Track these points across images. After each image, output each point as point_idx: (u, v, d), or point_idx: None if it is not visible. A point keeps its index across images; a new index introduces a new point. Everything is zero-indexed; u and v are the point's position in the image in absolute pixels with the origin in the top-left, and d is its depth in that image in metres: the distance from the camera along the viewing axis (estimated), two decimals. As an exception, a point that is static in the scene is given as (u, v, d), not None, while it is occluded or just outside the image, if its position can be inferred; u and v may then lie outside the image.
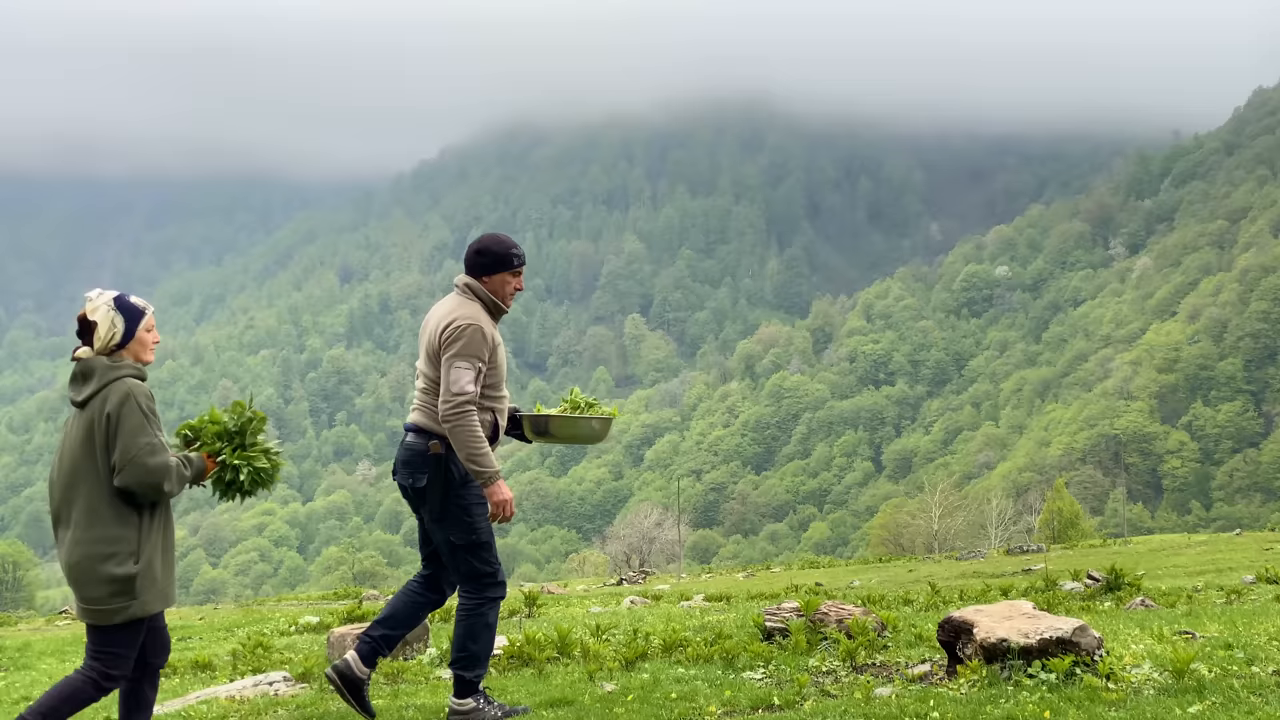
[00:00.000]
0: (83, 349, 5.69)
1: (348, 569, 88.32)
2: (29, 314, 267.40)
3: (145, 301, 5.83)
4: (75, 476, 5.54)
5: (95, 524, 5.47)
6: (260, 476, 5.91)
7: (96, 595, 5.46)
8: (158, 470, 5.45)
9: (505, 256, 6.42)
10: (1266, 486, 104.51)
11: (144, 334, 5.78)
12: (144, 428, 5.47)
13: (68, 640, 15.42)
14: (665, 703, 6.41)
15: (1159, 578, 17.99)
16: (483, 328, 6.27)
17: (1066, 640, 6.14)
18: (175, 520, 5.85)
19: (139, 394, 5.55)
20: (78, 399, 5.59)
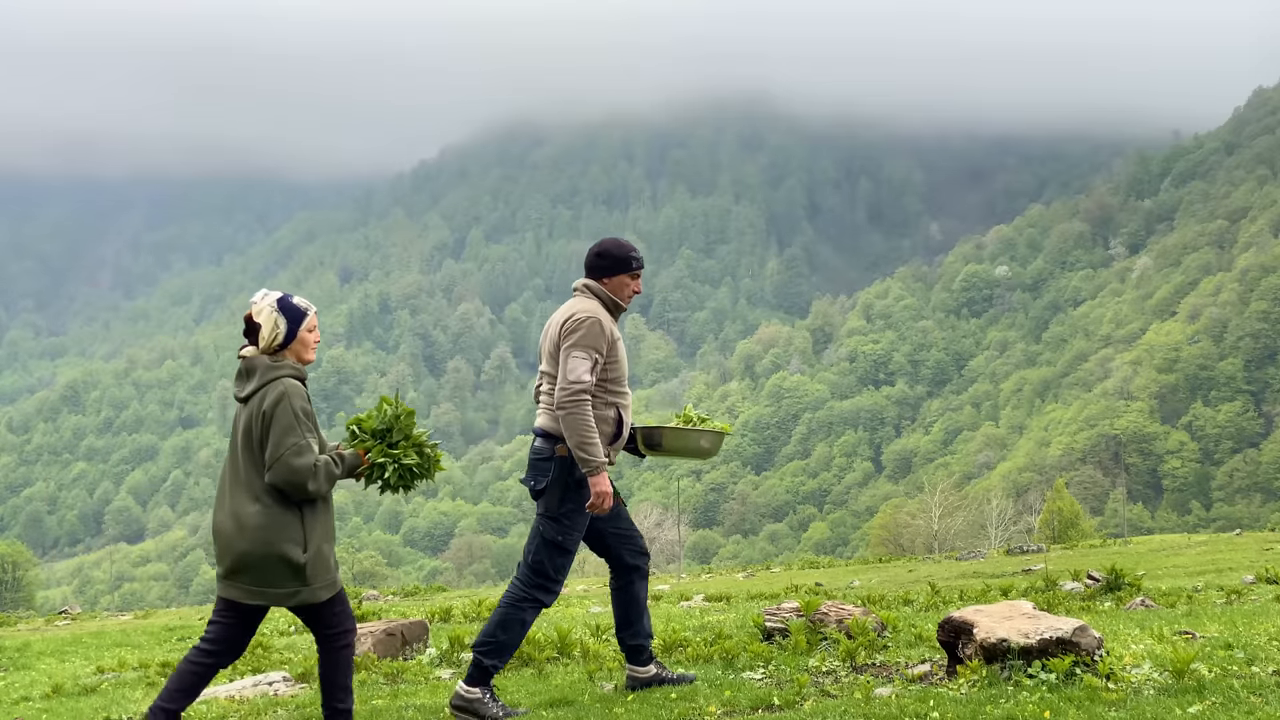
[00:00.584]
0: (248, 348, 5.96)
1: (347, 569, 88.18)
2: (29, 314, 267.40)
3: (308, 303, 6.04)
4: (240, 468, 5.84)
5: (262, 512, 5.77)
6: (408, 474, 6.10)
7: (270, 579, 5.77)
8: (302, 470, 5.71)
9: (624, 259, 6.74)
10: (1266, 486, 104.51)
11: (305, 334, 5.99)
12: (294, 428, 5.72)
13: (67, 640, 15.41)
14: (665, 703, 6.40)
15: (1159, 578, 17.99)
16: (601, 320, 6.50)
17: (1066, 640, 6.14)
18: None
19: (294, 394, 5.79)
20: (241, 395, 5.89)
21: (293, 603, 5.83)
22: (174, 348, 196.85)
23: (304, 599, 5.82)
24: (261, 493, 5.79)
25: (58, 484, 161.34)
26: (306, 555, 5.80)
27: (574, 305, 6.60)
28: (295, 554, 5.78)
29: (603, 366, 6.49)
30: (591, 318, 6.47)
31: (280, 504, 5.79)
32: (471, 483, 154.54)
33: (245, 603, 5.88)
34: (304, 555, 5.79)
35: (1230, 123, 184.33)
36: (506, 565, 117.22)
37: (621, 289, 6.73)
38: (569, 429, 6.30)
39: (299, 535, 5.82)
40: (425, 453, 6.13)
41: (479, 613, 13.98)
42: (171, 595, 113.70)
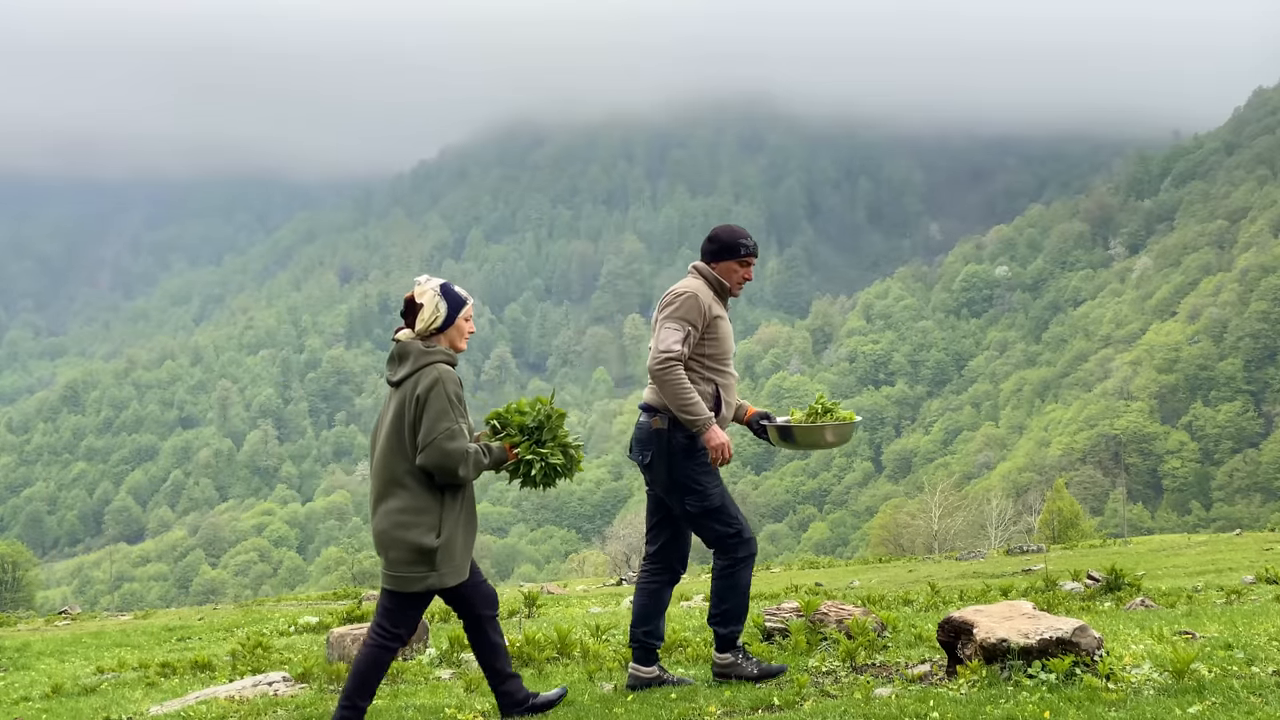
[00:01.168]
0: (403, 331, 6.13)
1: (347, 569, 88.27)
2: (29, 314, 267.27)
3: (467, 293, 6.22)
4: (387, 451, 5.96)
5: (402, 496, 5.91)
6: (553, 472, 6.22)
7: (400, 561, 5.92)
8: (454, 455, 5.82)
9: (733, 245, 6.79)
10: (1266, 486, 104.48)
11: (462, 322, 6.18)
12: (447, 413, 5.85)
13: (66, 640, 15.41)
14: (665, 703, 6.41)
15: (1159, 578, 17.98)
16: (698, 296, 6.63)
17: (1066, 640, 6.14)
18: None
19: (448, 380, 5.92)
20: (393, 379, 6.05)
21: (419, 588, 5.95)
22: (174, 348, 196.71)
23: (431, 584, 5.95)
24: (405, 476, 5.92)
25: (58, 484, 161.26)
26: (438, 541, 5.91)
27: (678, 284, 6.78)
28: (428, 539, 5.89)
29: (701, 342, 6.64)
30: (689, 293, 6.63)
31: (422, 488, 5.92)
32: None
33: (386, 587, 6.05)
34: (435, 540, 5.90)
35: (1230, 123, 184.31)
36: (506, 565, 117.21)
37: (729, 274, 6.84)
38: (666, 395, 6.49)
39: (434, 521, 5.93)
40: (570, 454, 6.29)
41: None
42: (171, 595, 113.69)
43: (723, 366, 6.77)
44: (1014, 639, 6.18)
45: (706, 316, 6.64)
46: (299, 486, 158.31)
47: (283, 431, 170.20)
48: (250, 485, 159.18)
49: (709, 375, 6.70)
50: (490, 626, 6.25)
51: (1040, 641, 6.14)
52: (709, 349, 6.69)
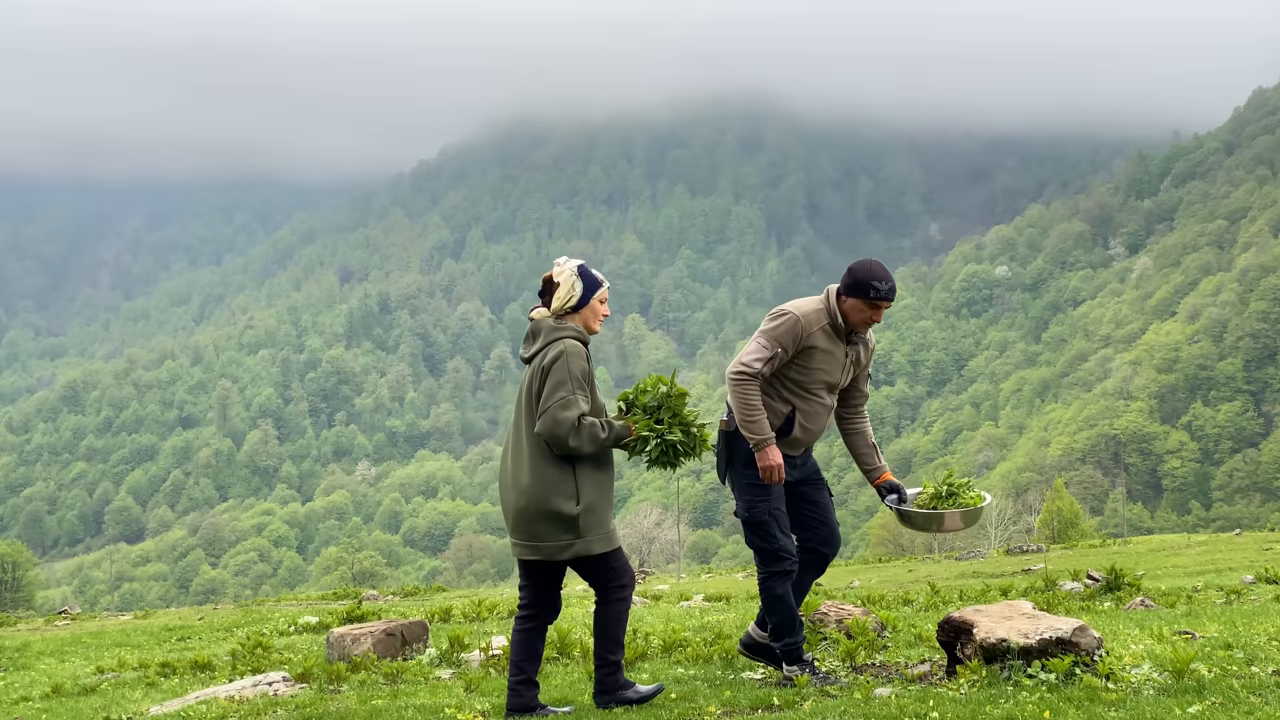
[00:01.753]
0: (539, 309, 6.35)
1: (347, 569, 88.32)
2: (29, 314, 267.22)
3: (604, 277, 6.40)
4: (521, 425, 6.15)
5: (536, 468, 6.04)
6: (672, 450, 6.23)
7: (544, 532, 6.03)
8: (564, 422, 5.92)
9: (863, 284, 6.62)
10: (1266, 486, 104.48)
11: (596, 304, 6.34)
12: (565, 383, 5.99)
13: (66, 640, 15.41)
14: (665, 703, 6.41)
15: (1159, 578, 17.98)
16: (800, 321, 6.62)
17: (1066, 640, 6.14)
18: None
19: (573, 354, 6.07)
20: (525, 355, 6.29)
21: (567, 555, 6.04)
22: (174, 348, 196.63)
23: (578, 551, 6.03)
24: (537, 449, 6.03)
25: (58, 484, 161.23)
26: (579, 508, 5.99)
27: (797, 300, 6.80)
28: (568, 507, 5.97)
29: (789, 364, 6.66)
30: (792, 315, 6.65)
31: (554, 459, 6.01)
32: (471, 483, 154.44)
33: (525, 559, 6.14)
34: (576, 508, 5.98)
35: (1230, 123, 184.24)
36: (506, 565, 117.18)
37: (854, 311, 6.69)
38: (733, 404, 6.62)
39: (571, 489, 6.00)
40: (691, 432, 6.26)
41: (478, 613, 13.96)
42: (171, 595, 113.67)
43: (806, 392, 6.74)
44: (1014, 639, 6.18)
45: (801, 342, 6.63)
46: (299, 486, 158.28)
47: (283, 431, 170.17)
48: (250, 485, 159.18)
49: (788, 397, 6.73)
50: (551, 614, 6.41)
51: (1040, 641, 6.14)
52: (795, 374, 6.71)
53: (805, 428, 6.77)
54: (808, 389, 6.72)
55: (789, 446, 6.76)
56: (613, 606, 6.23)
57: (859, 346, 6.85)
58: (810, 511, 6.91)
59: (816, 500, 6.92)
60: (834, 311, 6.69)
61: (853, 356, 6.83)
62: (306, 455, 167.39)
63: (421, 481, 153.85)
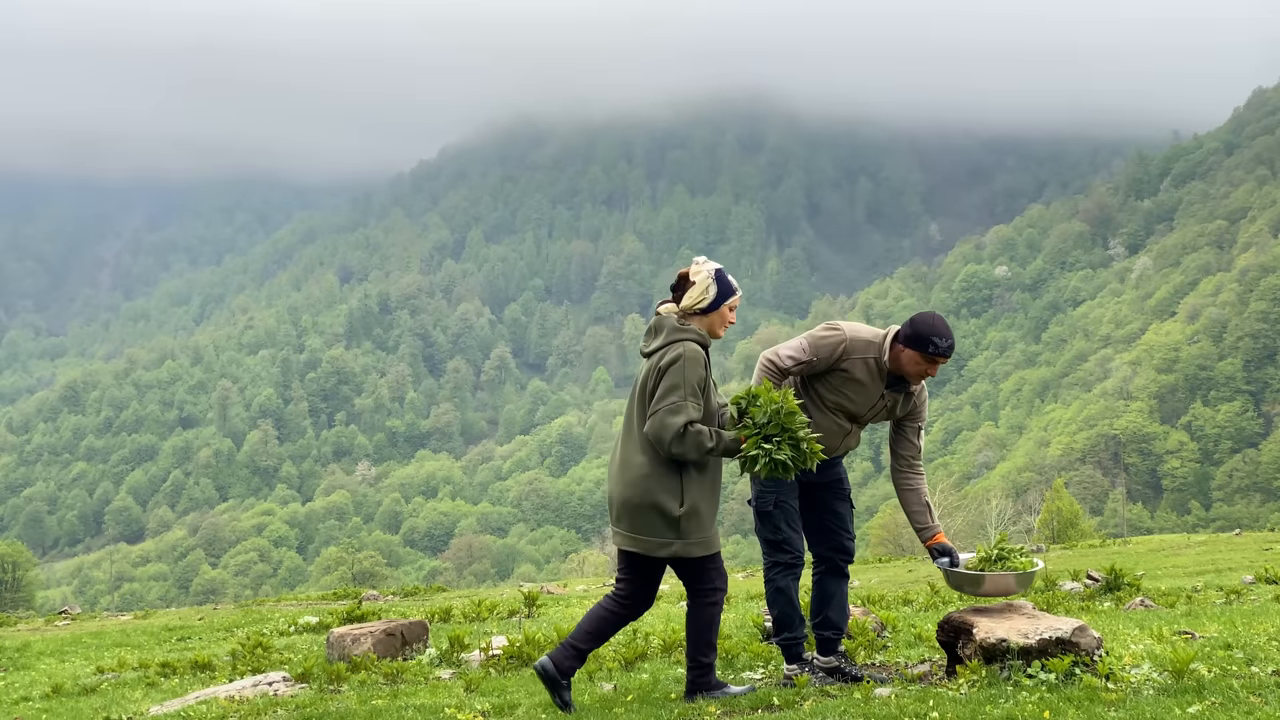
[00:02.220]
0: (666, 305, 6.28)
1: (347, 569, 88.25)
2: (29, 314, 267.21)
3: (738, 285, 6.35)
4: (633, 420, 6.18)
5: (644, 463, 6.08)
6: (781, 468, 6.16)
7: (645, 527, 6.07)
8: (671, 428, 5.94)
9: (923, 339, 6.62)
10: (1266, 486, 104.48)
11: (726, 310, 6.33)
12: (678, 387, 6.00)
13: (66, 640, 15.41)
14: (665, 703, 6.41)
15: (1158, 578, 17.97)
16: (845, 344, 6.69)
17: (1066, 640, 6.14)
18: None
19: (691, 359, 6.07)
20: (646, 350, 6.25)
21: (665, 554, 6.08)
22: (174, 348, 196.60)
23: (676, 552, 6.06)
24: (647, 444, 6.07)
25: (58, 484, 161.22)
26: (682, 510, 6.02)
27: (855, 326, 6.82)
28: (670, 506, 6.01)
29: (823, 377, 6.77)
30: (840, 334, 6.73)
31: (663, 457, 6.03)
32: (471, 483, 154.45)
33: (625, 549, 6.20)
34: (679, 509, 6.01)
35: (1230, 123, 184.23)
36: (506, 565, 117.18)
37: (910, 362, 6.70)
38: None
39: (676, 489, 6.03)
40: (801, 448, 6.19)
41: (478, 613, 13.95)
42: (171, 595, 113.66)
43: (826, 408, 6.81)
44: (1013, 639, 6.18)
45: (837, 363, 6.71)
46: (299, 486, 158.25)
47: (283, 431, 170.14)
48: (250, 485, 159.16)
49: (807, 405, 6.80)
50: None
51: (1040, 641, 6.14)
52: (824, 389, 6.81)
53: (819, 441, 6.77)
54: (829, 406, 6.81)
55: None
56: (705, 610, 6.28)
57: (900, 395, 6.87)
58: (829, 520, 6.97)
59: (837, 510, 6.97)
60: (883, 350, 6.72)
61: (889, 402, 6.85)
62: (306, 455, 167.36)
63: (421, 481, 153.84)
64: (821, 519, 6.96)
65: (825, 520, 6.95)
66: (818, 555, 7.03)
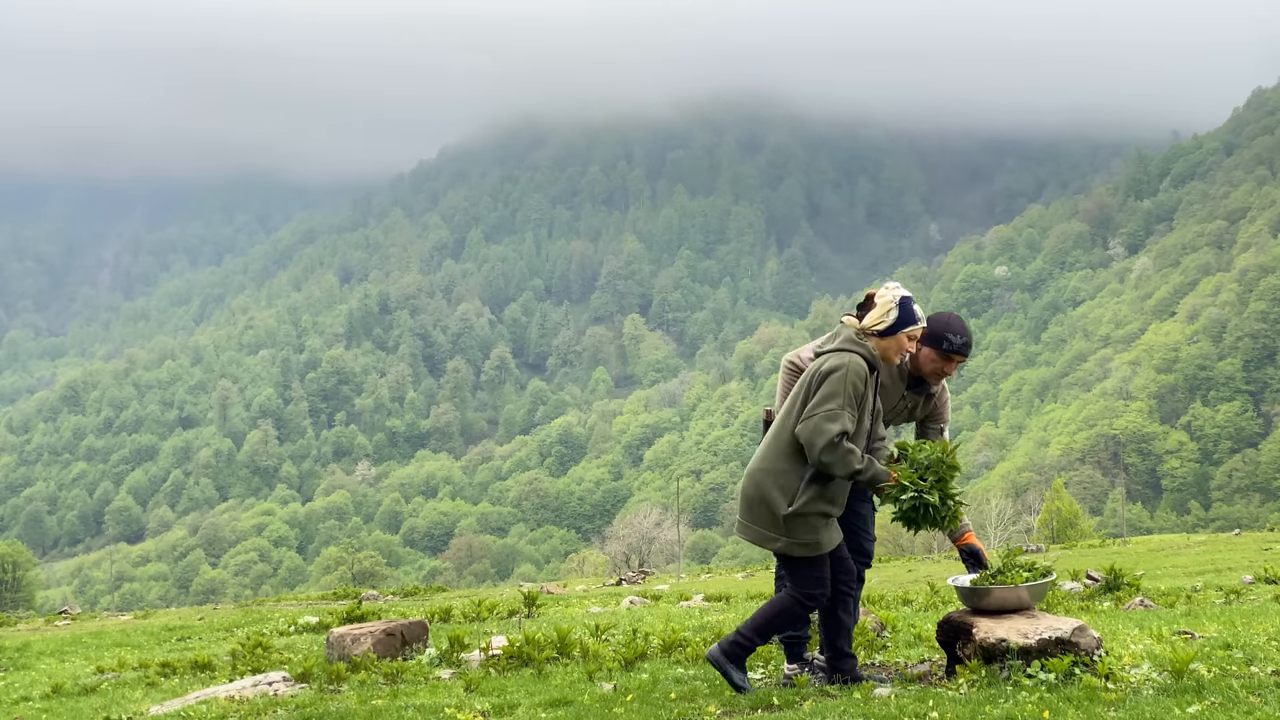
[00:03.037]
0: (850, 317, 6.36)
1: (347, 569, 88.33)
2: (29, 314, 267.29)
3: (922, 318, 6.39)
4: (784, 413, 6.29)
5: (770, 457, 6.21)
6: (925, 511, 6.21)
7: (757, 519, 6.22)
8: (826, 434, 6.01)
9: (938, 336, 6.71)
10: (1265, 486, 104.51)
11: (903, 338, 6.34)
12: (837, 395, 6.07)
13: (66, 640, 15.42)
14: (665, 703, 6.41)
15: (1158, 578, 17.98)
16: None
17: (1065, 640, 6.14)
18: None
19: (855, 370, 6.13)
20: (818, 349, 6.40)
21: (772, 548, 6.23)
22: (174, 348, 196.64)
23: (780, 549, 6.20)
24: (780, 439, 6.18)
25: (58, 484, 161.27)
26: (789, 509, 6.11)
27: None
28: (779, 504, 6.12)
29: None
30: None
31: (792, 455, 6.13)
32: (471, 483, 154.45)
33: (741, 537, 6.35)
34: (787, 508, 6.11)
35: (1229, 123, 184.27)
36: (506, 565, 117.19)
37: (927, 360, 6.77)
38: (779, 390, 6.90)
39: (791, 490, 6.12)
40: (949, 502, 6.23)
41: (478, 613, 13.96)
42: (171, 595, 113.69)
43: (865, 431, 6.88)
44: (1013, 639, 6.18)
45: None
46: (299, 486, 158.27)
47: (283, 431, 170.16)
48: (250, 485, 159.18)
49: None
50: (840, 601, 6.44)
51: (1039, 641, 6.14)
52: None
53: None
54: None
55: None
56: (787, 601, 6.35)
57: (921, 396, 6.91)
58: (851, 520, 6.98)
59: (859, 510, 6.98)
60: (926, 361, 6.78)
61: (910, 403, 6.90)
62: (306, 455, 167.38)
63: (421, 481, 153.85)
64: (844, 519, 6.96)
65: (847, 520, 6.96)
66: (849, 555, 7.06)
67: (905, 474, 6.19)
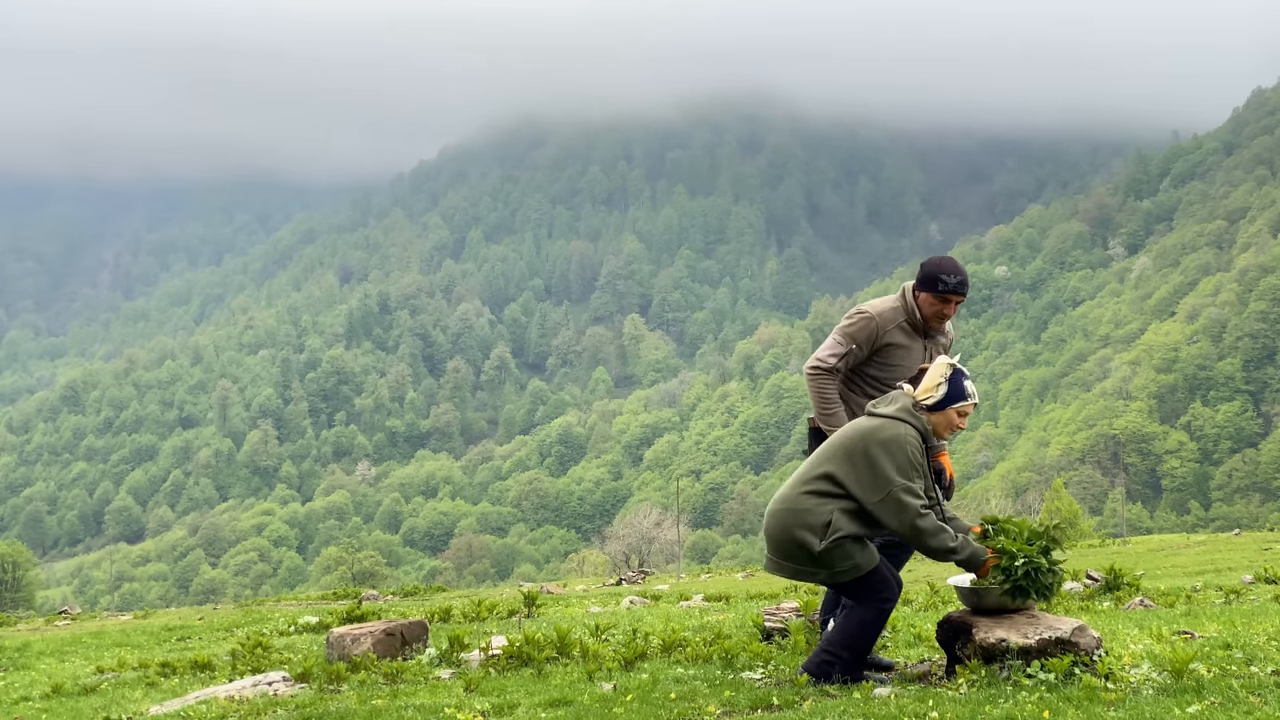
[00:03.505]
0: (907, 385, 6.40)
1: (347, 569, 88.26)
2: (29, 314, 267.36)
3: (975, 394, 6.32)
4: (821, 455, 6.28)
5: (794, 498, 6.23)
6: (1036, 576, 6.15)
7: (788, 558, 6.24)
8: (910, 509, 6.04)
9: (931, 278, 6.81)
10: (1265, 486, 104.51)
11: (953, 413, 6.30)
12: (904, 468, 6.07)
13: (66, 640, 15.42)
14: (665, 703, 6.41)
15: (1158, 578, 17.97)
16: (875, 319, 6.85)
17: (1065, 640, 6.14)
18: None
19: (913, 443, 6.12)
20: (875, 409, 6.31)
21: (814, 582, 6.28)
22: (174, 348, 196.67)
23: (823, 581, 6.26)
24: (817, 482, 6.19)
25: (58, 484, 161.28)
26: (823, 545, 6.12)
27: (873, 300, 7.01)
28: (811, 543, 6.13)
29: (869, 362, 6.94)
30: (867, 314, 6.88)
31: (819, 496, 6.15)
32: (471, 483, 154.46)
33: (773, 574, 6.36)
34: (819, 545, 6.13)
35: (1229, 123, 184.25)
36: (506, 565, 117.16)
37: (926, 305, 6.86)
38: (811, 398, 6.96)
39: (820, 526, 6.13)
40: (1055, 569, 6.22)
41: (478, 613, 13.94)
42: (171, 595, 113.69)
43: (884, 388, 6.92)
44: (1013, 639, 6.18)
45: (877, 340, 6.89)
46: (299, 486, 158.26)
47: (283, 431, 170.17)
48: (250, 485, 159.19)
49: (870, 392, 6.94)
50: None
51: (1039, 641, 6.14)
52: (875, 370, 6.95)
53: None
54: (888, 385, 6.91)
55: None
56: (864, 611, 6.35)
57: (937, 340, 7.01)
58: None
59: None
60: (911, 308, 6.88)
61: (932, 350, 6.99)
62: (306, 455, 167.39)
63: (421, 481, 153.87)
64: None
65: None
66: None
67: (1011, 544, 6.14)
